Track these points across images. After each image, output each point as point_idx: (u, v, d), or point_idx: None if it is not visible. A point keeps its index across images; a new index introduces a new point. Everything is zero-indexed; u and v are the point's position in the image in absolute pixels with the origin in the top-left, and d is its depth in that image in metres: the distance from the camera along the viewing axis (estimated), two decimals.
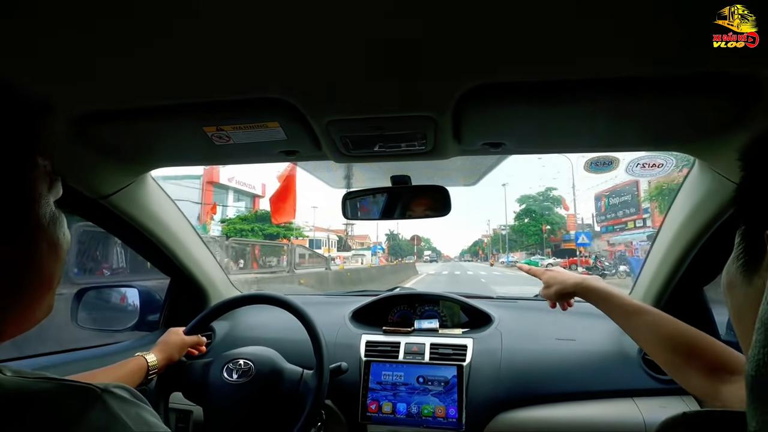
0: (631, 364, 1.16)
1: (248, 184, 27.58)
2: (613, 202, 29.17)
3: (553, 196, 43.12)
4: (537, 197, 43.99)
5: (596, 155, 0.93)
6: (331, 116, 0.74)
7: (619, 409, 1.08)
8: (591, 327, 1.33)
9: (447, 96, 0.67)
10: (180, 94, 0.68)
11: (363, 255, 44.20)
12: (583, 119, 0.74)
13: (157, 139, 0.86)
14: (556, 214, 42.69)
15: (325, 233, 46.79)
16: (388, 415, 1.14)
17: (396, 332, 1.32)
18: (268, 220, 24.27)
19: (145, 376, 0.94)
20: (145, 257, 1.27)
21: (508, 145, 0.85)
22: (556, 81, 0.63)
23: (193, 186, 22.32)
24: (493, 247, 66.48)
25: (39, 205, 0.41)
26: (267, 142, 0.84)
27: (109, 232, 1.09)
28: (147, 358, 0.95)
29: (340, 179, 1.21)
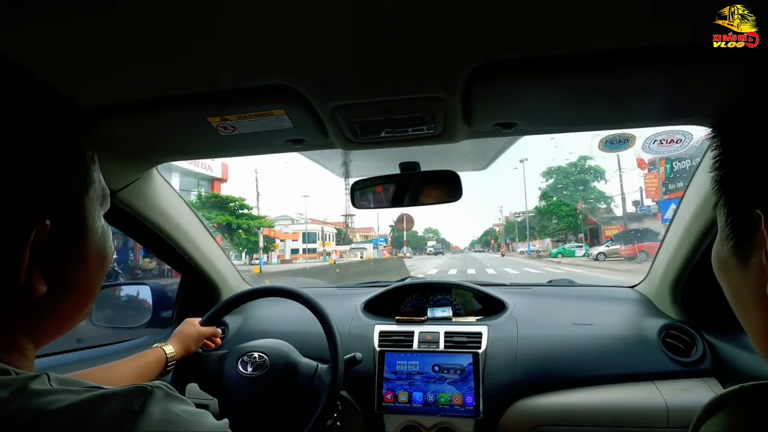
0: (651, 347, 1.14)
1: (205, 165, 23.05)
2: (679, 167, 19.66)
3: (589, 167, 32.92)
4: (568, 169, 33.97)
5: (611, 133, 0.90)
6: (337, 101, 0.73)
7: (640, 393, 1.06)
8: (608, 311, 1.31)
9: (456, 74, 0.65)
10: (182, 84, 0.67)
11: (363, 248, 42.79)
12: (598, 93, 0.71)
13: (161, 132, 0.85)
14: (594, 190, 32.72)
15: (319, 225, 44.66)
16: (404, 404, 1.13)
17: (409, 321, 1.31)
18: (225, 207, 22.37)
19: (164, 367, 0.94)
20: (156, 254, 1.27)
21: (521, 125, 0.82)
22: (570, 54, 0.61)
23: None
24: (507, 235, 60.68)
25: (95, 220, 0.44)
26: (273, 131, 0.83)
27: (118, 230, 1.09)
28: (165, 350, 0.96)
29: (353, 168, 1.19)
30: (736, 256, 0.37)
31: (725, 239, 0.38)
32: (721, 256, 0.40)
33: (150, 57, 0.58)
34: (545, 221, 37.76)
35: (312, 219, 47.02)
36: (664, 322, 1.18)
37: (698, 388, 1.04)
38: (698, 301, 1.16)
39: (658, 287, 1.27)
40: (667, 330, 1.16)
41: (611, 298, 1.41)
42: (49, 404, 0.33)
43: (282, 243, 30.52)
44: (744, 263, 0.36)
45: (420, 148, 1.07)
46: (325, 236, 43.36)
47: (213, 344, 1.12)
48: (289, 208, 69.82)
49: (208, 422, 0.39)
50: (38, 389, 0.34)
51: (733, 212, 0.37)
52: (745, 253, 0.35)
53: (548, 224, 37.50)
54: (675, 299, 1.20)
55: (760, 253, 0.33)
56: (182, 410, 0.38)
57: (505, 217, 65.95)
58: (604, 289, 1.52)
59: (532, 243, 39.21)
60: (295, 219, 42.27)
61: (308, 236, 40.19)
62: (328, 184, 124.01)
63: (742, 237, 0.36)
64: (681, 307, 1.20)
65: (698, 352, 1.10)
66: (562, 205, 33.48)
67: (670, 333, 1.15)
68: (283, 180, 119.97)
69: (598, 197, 32.49)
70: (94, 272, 0.44)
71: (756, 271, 0.34)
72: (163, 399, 0.37)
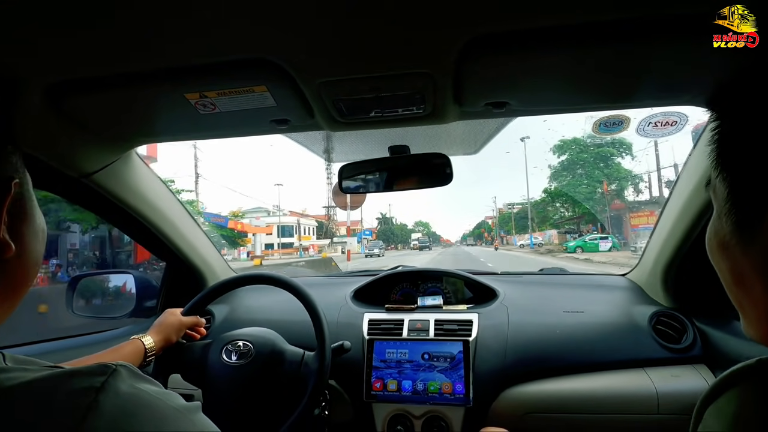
0: (641, 334, 1.13)
1: None
2: None
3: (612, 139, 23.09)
4: (584, 142, 24.48)
5: (605, 114, 0.87)
6: (322, 77, 0.69)
7: (630, 379, 1.06)
8: (599, 299, 1.30)
9: (445, 49, 0.62)
10: (157, 57, 0.63)
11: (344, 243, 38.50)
12: (592, 71, 0.69)
13: (138, 110, 0.81)
14: (618, 167, 24.46)
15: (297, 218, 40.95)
16: (393, 393, 1.11)
17: (399, 310, 1.29)
18: None
19: (143, 359, 0.91)
20: (138, 241, 1.23)
21: (513, 105, 0.80)
22: (564, 27, 0.58)
23: None
24: (502, 227, 55.44)
25: (24, 191, 0.42)
26: (256, 110, 0.79)
27: (95, 213, 1.05)
28: (144, 341, 0.93)
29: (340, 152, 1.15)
30: (739, 233, 0.35)
31: (726, 216, 0.37)
32: (720, 235, 0.38)
33: (119, 27, 0.55)
34: (548, 210, 31.78)
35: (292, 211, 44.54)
36: (654, 309, 1.18)
37: (688, 375, 1.04)
38: (689, 288, 1.15)
39: (649, 275, 1.27)
40: (658, 317, 1.15)
41: (602, 286, 1.41)
42: (2, 381, 0.32)
43: (253, 237, 27.62)
44: (749, 240, 0.34)
45: (410, 132, 1.04)
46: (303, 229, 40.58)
47: (197, 335, 1.09)
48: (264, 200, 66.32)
49: (176, 401, 0.37)
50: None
51: (736, 187, 0.35)
52: (750, 229, 0.34)
53: (551, 213, 31.55)
54: (666, 286, 1.20)
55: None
56: (148, 388, 0.36)
57: (498, 209, 61.31)
58: (596, 277, 1.52)
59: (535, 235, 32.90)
60: (271, 211, 39.06)
61: (284, 229, 37.18)
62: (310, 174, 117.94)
63: (747, 213, 0.34)
64: (672, 294, 1.19)
65: (689, 338, 1.09)
66: (579, 185, 25.38)
67: (661, 320, 1.15)
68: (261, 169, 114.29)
69: (624, 176, 24.46)
70: (41, 244, 0.44)
71: (764, 248, 0.32)
72: (129, 377, 0.36)
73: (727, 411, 0.27)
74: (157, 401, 0.36)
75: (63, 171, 0.89)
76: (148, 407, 0.35)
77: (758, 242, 0.33)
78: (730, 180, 0.36)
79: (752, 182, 0.33)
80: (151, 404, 0.35)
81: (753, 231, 0.34)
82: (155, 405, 0.35)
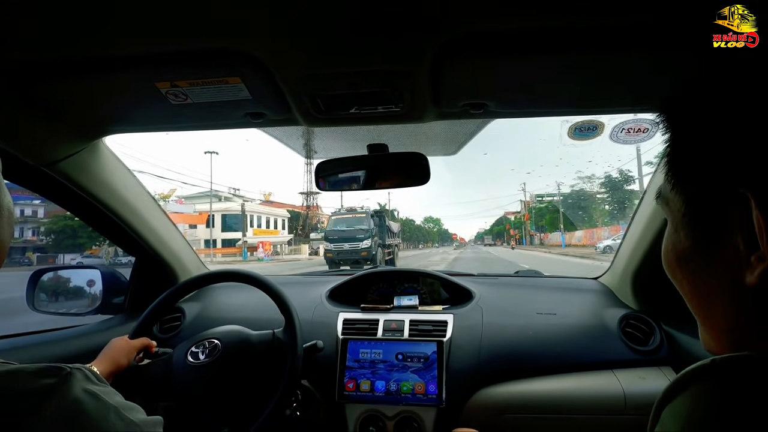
0: (611, 336, 1.16)
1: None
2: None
3: None
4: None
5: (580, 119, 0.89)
6: (299, 70, 0.68)
7: (599, 381, 1.08)
8: (572, 301, 1.32)
9: (424, 48, 0.62)
10: (127, 41, 0.61)
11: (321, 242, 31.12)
12: (569, 75, 0.70)
13: (106, 98, 0.78)
14: None
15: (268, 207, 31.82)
16: (366, 394, 1.10)
17: (375, 310, 1.28)
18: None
19: None
20: (105, 234, 1.18)
21: (490, 107, 0.80)
22: (541, 28, 0.59)
23: None
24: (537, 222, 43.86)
25: None
26: (230, 102, 0.77)
27: (58, 204, 1.00)
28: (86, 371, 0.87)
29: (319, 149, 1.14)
30: (700, 249, 0.34)
31: (684, 230, 0.35)
32: (678, 249, 0.36)
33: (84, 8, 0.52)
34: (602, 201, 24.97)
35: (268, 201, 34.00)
36: (624, 312, 1.21)
37: (654, 376, 1.06)
38: (657, 292, 1.18)
39: (620, 279, 1.30)
40: (627, 320, 1.18)
41: (575, 289, 1.43)
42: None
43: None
44: (709, 257, 0.33)
45: (390, 131, 1.04)
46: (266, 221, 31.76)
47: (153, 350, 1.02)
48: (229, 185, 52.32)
49: (131, 413, 0.38)
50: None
51: (694, 201, 0.34)
52: (710, 241, 0.33)
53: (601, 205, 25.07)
54: (635, 290, 1.23)
55: (732, 238, 0.30)
56: (101, 390, 0.36)
57: (524, 202, 50.59)
58: (569, 280, 1.54)
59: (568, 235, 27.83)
60: (227, 196, 29.62)
61: (228, 220, 28.43)
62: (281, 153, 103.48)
63: (706, 228, 0.33)
64: (641, 298, 1.22)
65: (656, 341, 1.12)
66: None
67: (630, 323, 1.18)
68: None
69: None
70: (9, 226, 0.45)
71: (728, 259, 0.31)
72: (83, 380, 0.36)
73: (682, 411, 0.27)
74: (101, 412, 0.35)
75: (24, 159, 0.85)
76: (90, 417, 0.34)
77: (719, 259, 0.32)
78: (688, 192, 0.34)
79: (710, 195, 0.32)
80: (95, 415, 0.35)
81: (714, 247, 0.32)
82: (98, 415, 0.35)
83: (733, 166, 0.30)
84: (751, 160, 0.28)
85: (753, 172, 0.28)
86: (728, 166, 0.30)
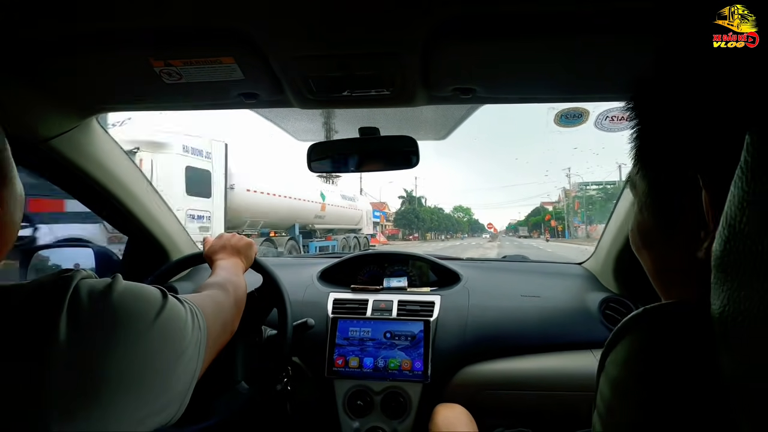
0: (591, 319, 1.20)
1: None
2: None
3: None
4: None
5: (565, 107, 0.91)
6: (292, 52, 0.69)
7: (578, 360, 1.12)
8: (556, 285, 1.36)
9: (414, 30, 0.63)
10: (120, 18, 0.61)
11: None
12: (558, 61, 0.71)
13: (100, 75, 0.78)
14: None
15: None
16: (354, 370, 1.14)
17: (364, 290, 1.32)
18: None
19: None
20: (97, 212, 1.19)
21: (479, 92, 0.82)
22: (531, 13, 0.60)
23: None
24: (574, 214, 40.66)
25: (5, 157, 0.45)
26: (223, 82, 0.78)
27: (50, 181, 1.01)
28: None
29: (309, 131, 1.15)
30: (661, 227, 0.37)
31: (647, 210, 0.38)
32: (642, 228, 0.40)
33: None
34: None
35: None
36: (605, 295, 1.25)
37: None
38: (637, 276, 1.22)
39: (602, 264, 1.34)
40: (608, 303, 1.23)
41: (560, 273, 1.48)
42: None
43: None
44: (670, 231, 0.36)
45: (381, 115, 1.06)
46: None
47: None
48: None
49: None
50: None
51: (656, 183, 0.37)
52: (670, 220, 0.36)
53: None
54: (616, 275, 1.27)
55: (687, 218, 0.34)
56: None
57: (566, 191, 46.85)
58: (555, 265, 1.59)
59: None
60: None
61: None
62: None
63: (667, 207, 0.36)
64: (621, 282, 1.27)
65: None
66: None
67: (610, 305, 1.22)
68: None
69: None
70: (20, 209, 0.47)
71: (685, 236, 0.34)
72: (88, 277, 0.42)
73: (621, 356, 0.30)
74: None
75: (17, 134, 0.85)
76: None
77: (678, 236, 0.35)
78: (650, 176, 0.37)
79: (669, 178, 0.35)
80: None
81: (673, 225, 0.36)
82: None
83: (686, 151, 0.33)
84: (700, 145, 0.31)
85: (702, 156, 0.31)
86: (682, 151, 0.33)
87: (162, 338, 0.44)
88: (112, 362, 0.38)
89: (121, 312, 0.40)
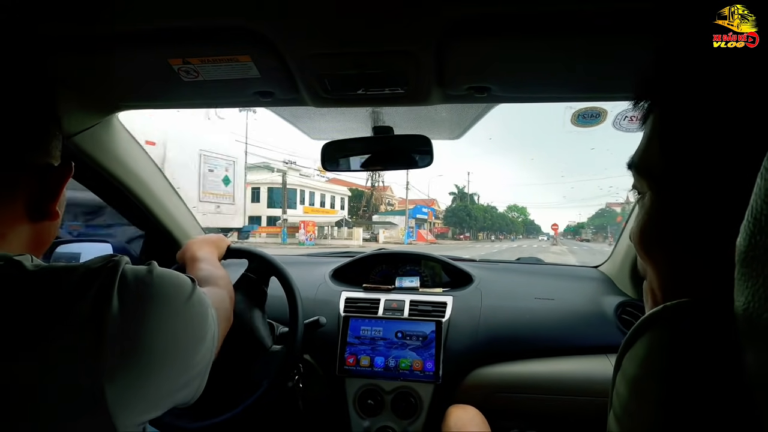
0: (607, 323, 1.18)
1: None
2: None
3: None
4: None
5: (583, 106, 0.90)
6: (307, 50, 0.70)
7: (593, 364, 1.10)
8: (570, 288, 1.34)
9: (429, 28, 0.63)
10: (140, 17, 0.63)
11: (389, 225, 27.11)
12: (574, 60, 0.70)
13: (120, 73, 0.80)
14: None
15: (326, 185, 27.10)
16: (365, 368, 1.14)
17: (376, 290, 1.31)
18: None
19: None
20: (116, 208, 1.22)
21: (495, 91, 0.81)
22: (547, 12, 0.59)
23: None
24: None
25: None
26: (239, 80, 0.79)
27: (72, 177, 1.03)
28: None
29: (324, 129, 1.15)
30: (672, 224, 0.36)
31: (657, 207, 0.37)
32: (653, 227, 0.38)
33: None
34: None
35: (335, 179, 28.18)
36: (621, 299, 1.23)
37: None
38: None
39: (619, 267, 1.31)
40: (624, 307, 1.20)
41: (575, 276, 1.45)
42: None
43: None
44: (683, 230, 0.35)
45: (395, 114, 1.05)
46: (320, 199, 27.53)
47: None
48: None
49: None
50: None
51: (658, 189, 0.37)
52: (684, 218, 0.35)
53: None
54: (633, 279, 1.24)
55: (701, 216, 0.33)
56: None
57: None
58: (570, 268, 1.56)
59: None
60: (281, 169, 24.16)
61: (274, 194, 24.36)
62: None
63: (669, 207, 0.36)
64: (639, 286, 1.24)
65: None
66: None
67: (627, 310, 1.20)
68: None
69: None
70: (62, 213, 0.53)
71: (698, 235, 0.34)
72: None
73: (640, 354, 0.29)
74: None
75: None
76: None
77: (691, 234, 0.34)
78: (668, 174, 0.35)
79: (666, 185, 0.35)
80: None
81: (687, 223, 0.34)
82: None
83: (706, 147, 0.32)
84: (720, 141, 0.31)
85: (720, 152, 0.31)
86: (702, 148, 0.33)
87: (190, 320, 0.50)
88: (149, 334, 0.43)
89: (160, 292, 0.46)
